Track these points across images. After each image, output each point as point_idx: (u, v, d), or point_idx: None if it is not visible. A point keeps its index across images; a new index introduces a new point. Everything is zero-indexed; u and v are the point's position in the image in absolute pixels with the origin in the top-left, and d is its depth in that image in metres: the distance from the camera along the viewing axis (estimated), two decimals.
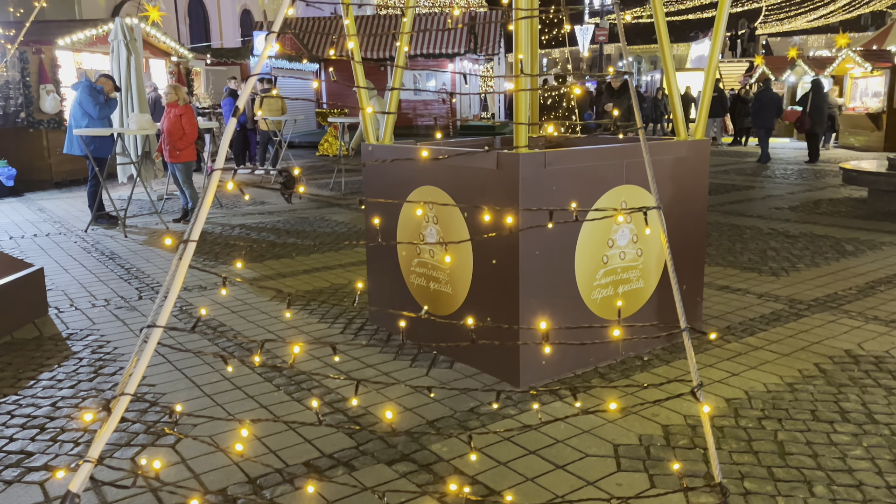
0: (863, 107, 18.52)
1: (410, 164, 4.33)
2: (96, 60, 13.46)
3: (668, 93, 4.76)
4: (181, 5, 29.51)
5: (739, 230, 7.92)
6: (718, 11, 4.53)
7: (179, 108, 8.57)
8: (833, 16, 38.17)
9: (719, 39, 4.64)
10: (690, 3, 42.35)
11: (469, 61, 30.73)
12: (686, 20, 45.69)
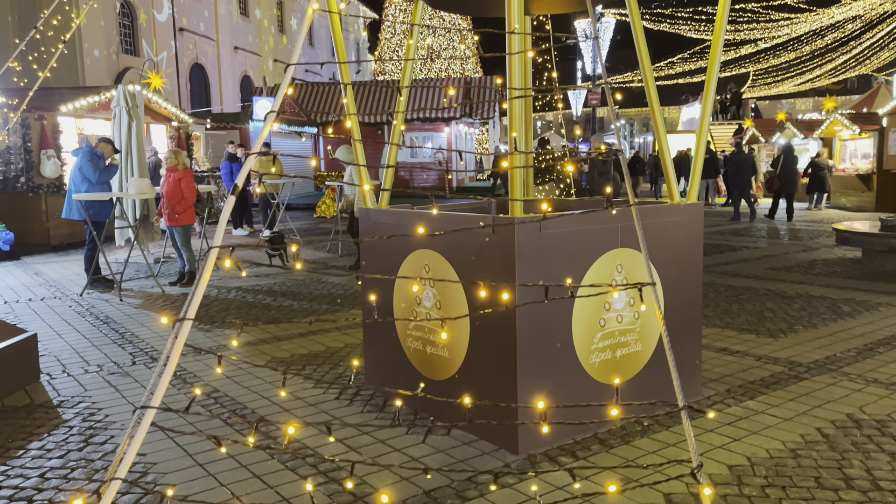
0: (853, 168, 18.81)
1: (406, 227, 4.36)
2: (98, 126, 13.68)
3: (660, 156, 4.84)
4: (182, 70, 30.20)
5: (736, 291, 7.93)
6: (708, 76, 4.65)
7: (179, 172, 8.67)
8: (820, 80, 39.18)
9: (709, 103, 4.74)
10: (680, 69, 43.47)
11: (465, 125, 31.29)
12: (676, 84, 46.82)
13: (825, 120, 19.98)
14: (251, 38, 37.18)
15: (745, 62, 40.14)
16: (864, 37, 32.30)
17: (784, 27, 32.32)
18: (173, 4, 29.03)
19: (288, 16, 42.41)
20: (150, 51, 27.11)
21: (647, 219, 4.30)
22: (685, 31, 35.78)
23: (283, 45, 41.55)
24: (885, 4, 27.94)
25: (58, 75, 18.04)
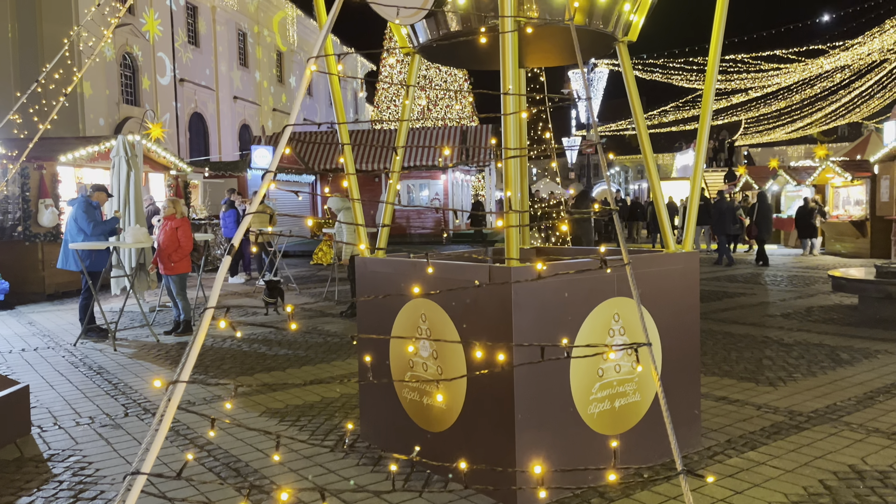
0: (846, 215, 18.96)
1: (403, 276, 4.36)
2: (97, 175, 13.77)
3: (654, 204, 4.88)
4: (182, 119, 30.57)
5: (734, 338, 7.90)
6: (700, 125, 4.72)
7: (176, 221, 8.69)
8: (810, 128, 39.78)
9: (702, 152, 4.80)
10: (673, 117, 44.14)
11: (461, 172, 31.58)
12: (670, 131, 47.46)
13: (817, 167, 20.22)
14: (250, 87, 37.75)
15: (737, 110, 40.80)
16: (853, 86, 32.94)
17: (774, 77, 32.96)
18: (174, 56, 29.54)
19: (287, 66, 43.14)
20: (150, 101, 27.49)
21: (643, 268, 4.31)
22: (677, 81, 36.45)
23: (282, 99, 42.16)
24: (873, 55, 28.56)
25: (58, 125, 18.25)
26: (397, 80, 39.31)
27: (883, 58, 28.87)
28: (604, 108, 50.00)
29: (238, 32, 36.43)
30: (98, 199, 8.91)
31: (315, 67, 1.94)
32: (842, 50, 28.75)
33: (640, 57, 35.73)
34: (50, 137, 13.43)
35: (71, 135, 20.30)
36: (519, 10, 4.50)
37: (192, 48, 31.63)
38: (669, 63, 34.57)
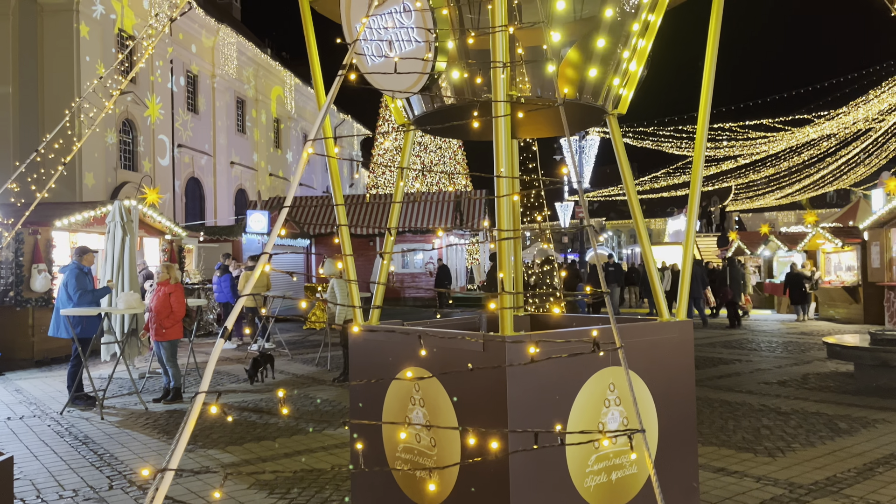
0: (838, 280, 19.05)
1: (396, 345, 4.33)
2: (92, 240, 13.80)
3: (647, 271, 4.91)
4: (179, 184, 30.85)
5: (731, 406, 7.81)
6: (691, 193, 4.79)
7: (169, 287, 8.67)
8: (800, 194, 40.39)
9: (693, 219, 4.86)
10: (664, 183, 44.80)
11: (455, 236, 31.78)
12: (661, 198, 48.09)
13: (808, 233, 20.44)
14: (247, 153, 38.27)
15: (727, 177, 41.49)
16: (840, 153, 33.62)
17: (762, 144, 33.64)
18: (173, 120, 30.05)
19: (284, 131, 43.86)
20: (147, 166, 27.80)
21: (636, 337, 4.30)
22: (667, 148, 37.15)
23: (279, 165, 42.71)
24: (858, 124, 29.26)
25: (55, 190, 18.37)
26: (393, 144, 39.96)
27: (868, 126, 29.57)
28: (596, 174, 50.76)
29: (237, 100, 37.15)
30: (88, 262, 8.90)
31: (312, 150, 1.98)
32: (827, 119, 29.47)
33: (631, 125, 36.52)
34: (46, 202, 13.51)
35: (67, 199, 20.43)
36: (511, 85, 4.62)
37: (191, 115, 32.20)
38: (659, 131, 35.31)
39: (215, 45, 33.78)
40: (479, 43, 5.72)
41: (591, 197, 50.08)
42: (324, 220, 28.89)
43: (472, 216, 30.73)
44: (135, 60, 22.29)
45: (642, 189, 44.74)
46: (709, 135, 18.48)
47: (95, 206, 13.60)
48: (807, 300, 18.86)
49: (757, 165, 38.24)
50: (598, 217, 71.20)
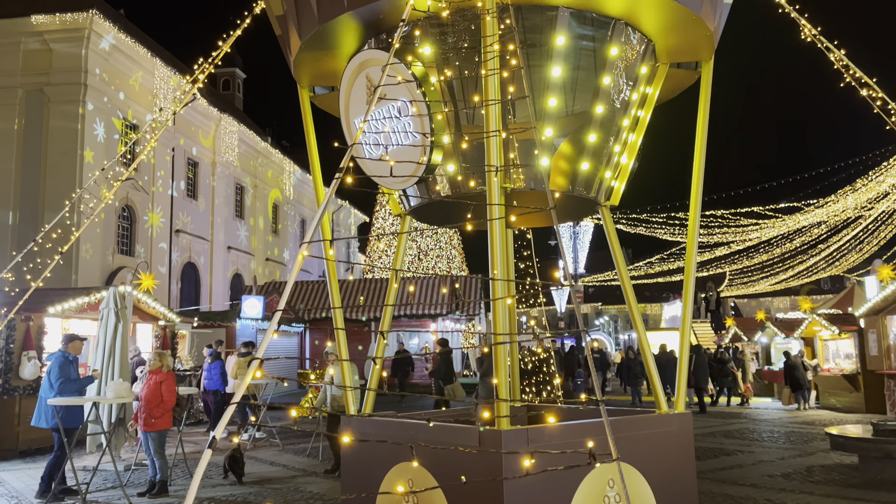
0: (837, 368, 18.89)
1: (390, 437, 4.23)
2: (85, 326, 13.68)
3: (643, 362, 4.86)
4: (175, 269, 30.91)
5: (734, 501, 7.58)
6: (686, 280, 4.79)
7: (161, 375, 8.53)
8: (793, 280, 40.60)
9: (689, 306, 4.85)
10: (659, 268, 45.06)
11: (451, 321, 31.64)
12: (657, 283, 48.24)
13: (805, 319, 20.41)
14: (245, 237, 38.56)
15: (721, 262, 41.80)
16: (832, 240, 34.02)
17: (754, 231, 34.07)
18: (172, 207, 30.41)
19: (282, 216, 44.35)
20: (144, 251, 27.93)
21: (635, 430, 4.22)
22: (661, 235, 37.56)
23: (275, 251, 42.99)
24: (847, 211, 29.75)
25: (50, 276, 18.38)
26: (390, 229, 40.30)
27: (857, 214, 30.06)
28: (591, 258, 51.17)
29: (236, 186, 37.75)
30: (74, 350, 8.79)
31: (307, 253, 1.99)
32: (816, 207, 29.98)
33: (624, 211, 37.05)
34: (40, 288, 13.48)
35: (62, 284, 20.40)
36: (505, 178, 4.71)
37: (191, 201, 32.62)
38: (652, 218, 35.81)
39: (217, 133, 34.60)
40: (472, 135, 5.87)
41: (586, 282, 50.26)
42: (319, 304, 28.81)
43: (468, 302, 30.69)
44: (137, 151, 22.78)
45: (637, 275, 44.96)
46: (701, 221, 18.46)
47: (90, 291, 13.55)
48: (807, 388, 18.65)
49: (750, 251, 38.62)
50: (594, 302, 71.17)
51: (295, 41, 7.79)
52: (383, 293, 29.15)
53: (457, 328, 33.86)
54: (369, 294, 29.86)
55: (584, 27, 6.83)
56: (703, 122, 6.57)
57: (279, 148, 42.63)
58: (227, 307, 29.07)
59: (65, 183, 23.40)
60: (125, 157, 23.72)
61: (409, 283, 28.58)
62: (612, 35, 7.25)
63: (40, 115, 24.38)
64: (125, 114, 26.90)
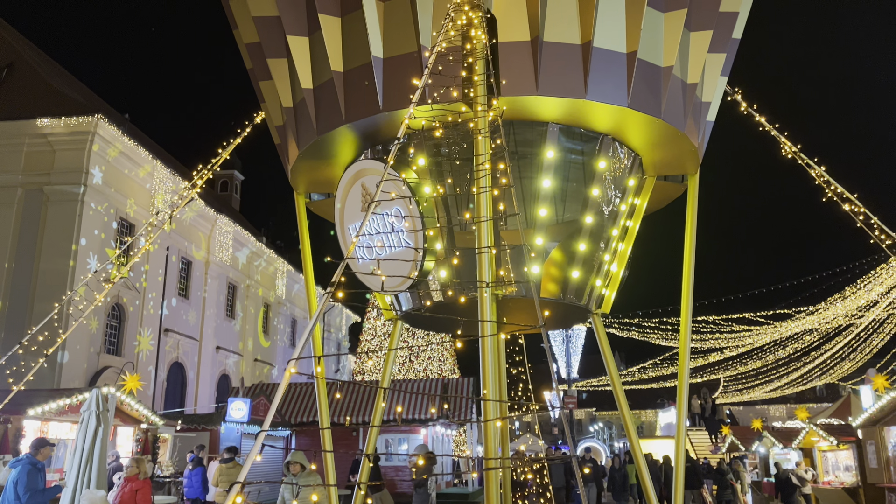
0: (837, 481, 18.39)
1: None
2: (64, 429, 13.29)
3: (637, 470, 4.72)
4: (161, 369, 30.39)
5: None
6: (679, 386, 4.72)
7: (138, 483, 8.23)
8: (788, 388, 40.19)
9: (683, 412, 4.76)
10: (653, 373, 44.61)
11: (442, 426, 30.92)
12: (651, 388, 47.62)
13: (802, 429, 20.05)
14: (234, 338, 38.19)
15: (715, 368, 41.44)
16: (824, 347, 33.93)
17: (746, 337, 34.01)
18: (163, 306, 30.25)
19: (273, 316, 44.12)
20: (131, 351, 27.56)
21: None
22: (654, 339, 37.43)
23: (265, 350, 42.56)
24: (838, 318, 29.84)
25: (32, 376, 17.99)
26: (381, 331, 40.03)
27: (848, 322, 30.14)
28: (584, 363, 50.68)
29: (228, 285, 37.74)
30: (43, 456, 8.48)
31: (295, 370, 1.96)
32: (807, 314, 30.09)
33: (616, 315, 37.06)
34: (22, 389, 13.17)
35: (44, 382, 19.97)
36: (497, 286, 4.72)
37: (182, 300, 32.51)
38: (644, 322, 35.79)
39: (212, 233, 34.95)
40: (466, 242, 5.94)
41: (580, 387, 49.54)
42: (306, 407, 28.18)
43: (460, 405, 30.11)
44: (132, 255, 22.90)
45: (630, 380, 44.44)
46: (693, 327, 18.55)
47: (72, 393, 13.25)
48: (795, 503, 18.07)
49: (744, 358, 38.39)
50: (588, 408, 69.83)
51: (293, 150, 8.02)
52: (372, 396, 28.58)
53: (448, 434, 33.06)
54: (358, 396, 29.30)
55: (574, 141, 7.07)
56: (690, 232, 6.69)
57: (273, 248, 42.97)
58: (213, 409, 28.39)
59: (57, 279, 23.36)
60: (119, 260, 23.79)
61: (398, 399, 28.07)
62: (601, 149, 7.51)
63: (38, 213, 24.63)
64: (123, 214, 27.22)
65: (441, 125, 4.57)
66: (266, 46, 9.90)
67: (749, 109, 10.70)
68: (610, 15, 7.97)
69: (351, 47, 8.28)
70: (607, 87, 7.55)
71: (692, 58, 8.66)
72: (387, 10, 8.21)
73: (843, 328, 31.35)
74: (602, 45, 7.64)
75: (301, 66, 8.75)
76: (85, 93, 31.61)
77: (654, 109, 7.79)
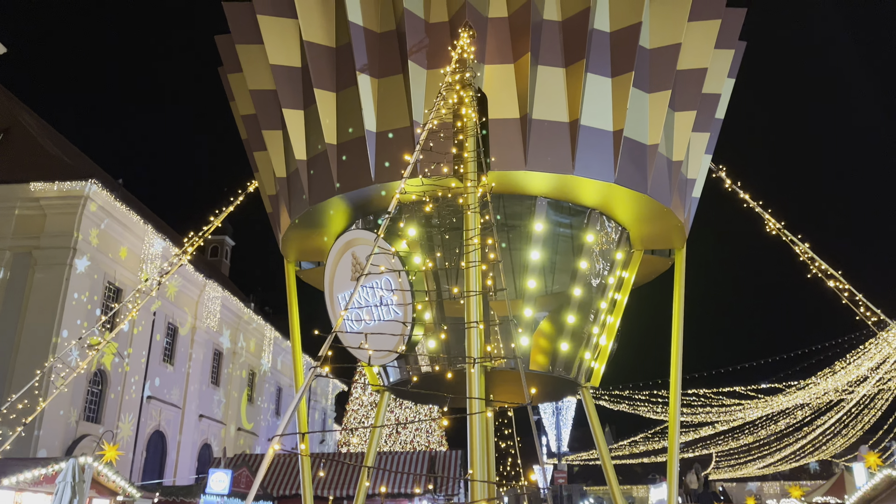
0: None
1: None
2: (38, 500, 12.87)
3: None
4: (142, 438, 29.64)
5: None
6: (669, 462, 4.66)
7: None
8: (782, 464, 39.56)
9: (674, 490, 4.68)
10: (644, 447, 43.89)
11: (428, 501, 30.10)
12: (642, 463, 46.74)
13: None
14: (217, 406, 37.46)
15: (706, 443, 40.84)
16: (816, 423, 33.60)
17: (738, 411, 33.68)
18: (146, 373, 29.77)
19: (258, 384, 43.42)
20: (112, 418, 26.95)
21: None
22: (644, 413, 37.00)
23: (249, 421, 41.73)
24: (829, 394, 29.68)
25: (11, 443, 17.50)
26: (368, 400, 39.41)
27: (839, 398, 29.98)
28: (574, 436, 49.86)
29: (214, 352, 37.25)
30: None
31: (279, 447, 1.94)
32: (797, 389, 29.93)
33: (606, 388, 36.70)
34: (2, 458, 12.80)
35: (21, 449, 19.40)
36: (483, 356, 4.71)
37: (166, 366, 32.01)
38: (634, 395, 35.45)
39: (200, 298, 34.71)
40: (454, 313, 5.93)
41: (570, 460, 48.56)
42: (289, 479, 27.43)
43: (447, 479, 29.39)
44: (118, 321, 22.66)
45: (621, 454, 43.70)
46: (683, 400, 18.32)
47: (48, 462, 12.87)
48: None
49: (735, 432, 37.92)
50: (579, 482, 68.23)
51: (285, 219, 8.10)
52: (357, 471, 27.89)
53: None
54: (343, 469, 28.57)
55: (562, 215, 7.19)
56: (678, 305, 6.73)
57: (261, 314, 42.63)
58: (193, 481, 27.59)
59: (40, 344, 22.99)
60: (104, 326, 23.52)
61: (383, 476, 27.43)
62: (588, 223, 7.64)
63: (25, 275, 24.46)
64: (111, 278, 27.07)
65: (431, 199, 4.65)
66: (262, 118, 10.13)
67: (733, 186, 10.96)
68: (597, 94, 8.24)
69: (345, 121, 8.49)
70: (594, 163, 7.74)
71: (677, 136, 8.91)
72: (381, 87, 8.46)
73: (834, 403, 31.15)
74: (589, 123, 7.86)
75: (296, 137, 8.93)
76: (80, 158, 31.93)
77: (640, 185, 7.97)
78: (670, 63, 10.17)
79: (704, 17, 11.23)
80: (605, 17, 10.34)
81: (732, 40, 12.46)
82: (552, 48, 9.68)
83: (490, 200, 4.56)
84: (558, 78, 9.29)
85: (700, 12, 11.20)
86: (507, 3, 10.72)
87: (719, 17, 11.56)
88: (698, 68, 10.97)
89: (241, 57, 12.46)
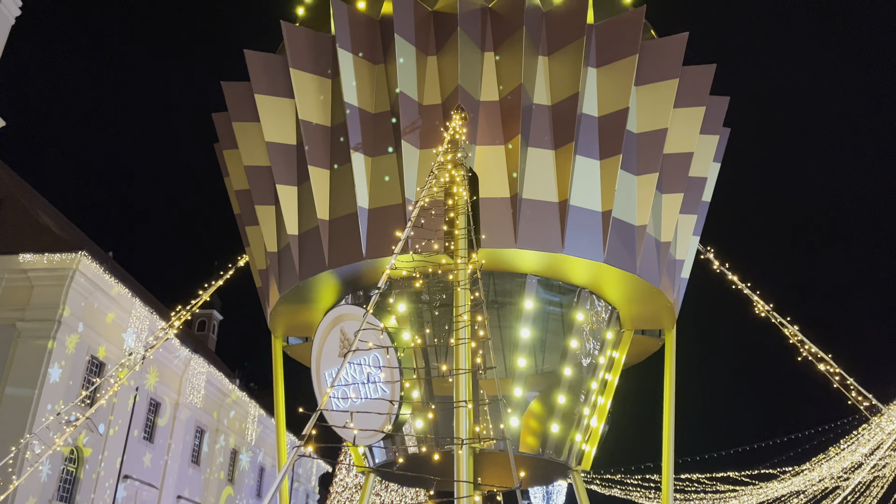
0: None
1: None
2: None
3: None
4: None
5: None
6: None
7: None
8: None
9: None
10: None
11: None
12: None
13: None
14: (198, 486, 36.19)
15: None
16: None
17: (732, 498, 32.82)
18: (125, 451, 28.86)
19: (240, 465, 42.12)
20: (86, 500, 25.92)
21: None
22: (637, 498, 35.99)
23: (229, 497, 40.30)
24: (825, 481, 29.05)
25: None
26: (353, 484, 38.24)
27: (835, 485, 29.33)
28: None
29: (196, 429, 36.30)
30: None
31: None
32: (792, 475, 29.30)
33: (598, 471, 35.79)
34: None
35: None
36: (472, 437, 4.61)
37: (146, 444, 31.08)
38: (627, 479, 34.58)
39: (185, 374, 34.06)
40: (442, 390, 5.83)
41: None
42: None
43: None
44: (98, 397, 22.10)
45: None
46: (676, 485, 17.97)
47: None
48: None
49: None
50: None
51: (274, 294, 8.08)
52: None
53: None
54: None
55: (552, 293, 7.20)
56: (669, 386, 6.65)
57: (246, 391, 41.79)
58: None
59: (18, 418, 22.35)
60: (85, 402, 22.94)
61: None
62: (578, 301, 7.66)
63: (7, 348, 24.01)
64: (95, 351, 26.61)
65: (422, 276, 4.66)
66: (255, 193, 10.24)
67: (721, 268, 11.09)
68: (586, 176, 8.41)
69: (338, 197, 8.59)
70: (584, 242, 7.82)
71: (665, 218, 9.04)
72: (374, 165, 8.60)
73: (830, 490, 30.43)
74: (578, 204, 7.99)
75: (288, 213, 9.02)
76: (71, 229, 31.91)
77: (629, 265, 8.04)
78: (657, 147, 10.47)
79: (689, 104, 11.62)
80: (593, 103, 10.71)
81: (717, 126, 12.86)
82: (542, 131, 9.97)
83: (480, 277, 4.57)
84: (548, 159, 9.52)
85: (685, 99, 11.59)
86: (498, 87, 11.09)
87: (703, 105, 11.96)
88: (685, 152, 11.28)
89: (237, 134, 12.71)
